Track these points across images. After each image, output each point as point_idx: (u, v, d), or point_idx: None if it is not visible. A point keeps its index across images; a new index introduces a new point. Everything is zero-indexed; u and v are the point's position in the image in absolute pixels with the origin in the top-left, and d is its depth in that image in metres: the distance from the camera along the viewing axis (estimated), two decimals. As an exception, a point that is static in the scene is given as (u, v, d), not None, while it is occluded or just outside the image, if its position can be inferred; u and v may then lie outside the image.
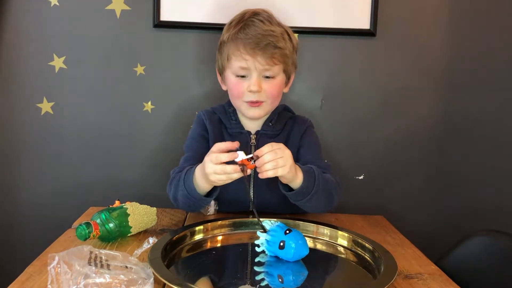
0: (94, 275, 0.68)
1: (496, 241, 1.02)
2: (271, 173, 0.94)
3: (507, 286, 0.98)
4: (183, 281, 0.77)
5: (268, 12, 1.18)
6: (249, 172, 0.94)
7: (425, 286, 0.82)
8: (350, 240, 1.01)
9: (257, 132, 1.21)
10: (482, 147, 1.52)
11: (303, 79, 1.47)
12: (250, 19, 1.14)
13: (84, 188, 1.47)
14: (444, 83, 1.50)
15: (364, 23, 1.45)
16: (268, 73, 1.13)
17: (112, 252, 0.76)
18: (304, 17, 1.43)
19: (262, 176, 0.94)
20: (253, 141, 1.20)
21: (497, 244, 1.01)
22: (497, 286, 0.99)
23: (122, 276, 0.70)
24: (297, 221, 1.08)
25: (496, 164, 1.52)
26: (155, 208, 1.07)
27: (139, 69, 1.45)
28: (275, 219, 1.03)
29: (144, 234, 1.03)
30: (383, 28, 1.46)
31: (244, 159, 0.92)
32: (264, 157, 0.93)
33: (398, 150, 1.51)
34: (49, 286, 0.70)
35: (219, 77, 1.25)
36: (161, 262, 0.83)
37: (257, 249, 0.93)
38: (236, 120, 1.22)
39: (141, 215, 1.03)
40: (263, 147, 0.94)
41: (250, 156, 0.93)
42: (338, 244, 1.02)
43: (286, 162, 0.95)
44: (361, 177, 1.52)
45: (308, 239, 1.03)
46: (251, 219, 1.08)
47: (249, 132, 1.21)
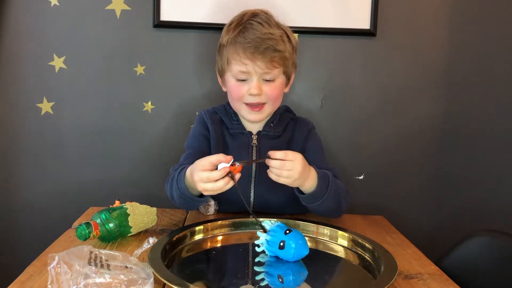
0: (94, 275, 0.68)
1: (496, 241, 1.02)
2: (273, 177, 0.97)
3: (507, 286, 0.98)
4: (183, 281, 0.77)
5: (267, 13, 1.17)
6: (239, 176, 0.92)
7: (425, 286, 0.82)
8: (350, 240, 1.01)
9: (259, 133, 1.21)
10: (482, 147, 1.52)
11: (303, 79, 1.47)
12: (249, 22, 1.13)
13: (84, 188, 1.48)
14: (444, 83, 1.50)
15: (364, 23, 1.45)
16: (268, 76, 1.13)
17: (112, 252, 0.76)
18: (304, 17, 1.43)
19: (268, 175, 0.97)
20: (255, 142, 1.20)
21: (497, 244, 1.01)
22: (497, 286, 0.99)
23: (122, 276, 0.70)
24: (297, 221, 1.08)
25: (496, 164, 1.52)
26: (155, 208, 1.07)
27: (139, 69, 1.45)
28: (275, 219, 1.03)
29: (144, 234, 1.03)
30: (383, 28, 1.46)
31: (229, 167, 0.91)
32: (272, 163, 0.95)
33: (398, 150, 1.51)
34: (49, 286, 0.70)
35: (219, 79, 1.24)
36: (161, 262, 0.83)
37: (257, 249, 0.93)
38: (238, 121, 1.22)
39: (141, 215, 1.03)
40: (277, 152, 0.95)
41: (232, 161, 0.92)
42: (338, 244, 1.02)
43: (290, 177, 0.96)
44: (361, 177, 1.52)
45: (308, 239, 1.03)
46: (251, 219, 1.08)
47: (251, 133, 1.21)
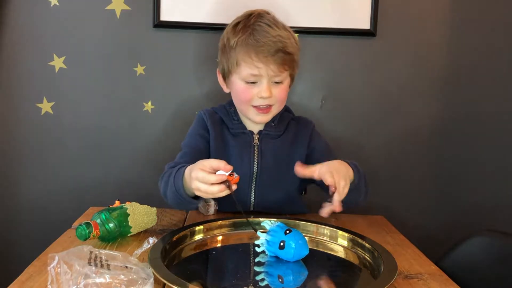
0: (94, 275, 0.68)
1: (496, 241, 1.02)
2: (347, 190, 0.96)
3: (507, 286, 0.98)
4: (183, 281, 0.77)
5: (270, 14, 1.17)
6: (235, 187, 0.91)
7: (425, 286, 0.82)
8: (350, 240, 1.01)
9: (260, 132, 1.21)
10: (482, 147, 1.52)
11: (303, 79, 1.47)
12: (257, 23, 1.12)
13: (84, 188, 1.48)
14: (444, 83, 1.50)
15: (364, 23, 1.45)
16: (278, 79, 1.13)
17: (112, 252, 0.76)
18: (304, 17, 1.43)
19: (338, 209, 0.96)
20: (256, 141, 1.20)
21: (497, 244, 1.01)
22: (497, 286, 0.99)
23: (122, 276, 0.70)
24: (297, 221, 1.08)
25: (496, 164, 1.52)
26: (155, 208, 1.07)
27: (139, 69, 1.45)
28: (275, 219, 1.03)
29: (144, 234, 1.03)
30: (383, 28, 1.46)
31: (227, 176, 0.89)
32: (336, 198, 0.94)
33: (398, 150, 1.51)
34: (49, 286, 0.70)
35: (221, 80, 1.22)
36: (161, 262, 0.82)
37: (257, 249, 0.93)
38: (238, 120, 1.22)
39: (141, 215, 1.03)
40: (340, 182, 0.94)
41: (232, 171, 0.90)
42: (338, 244, 1.02)
43: (345, 177, 0.96)
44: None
45: (308, 239, 1.03)
46: (251, 219, 1.08)
47: (252, 132, 1.21)
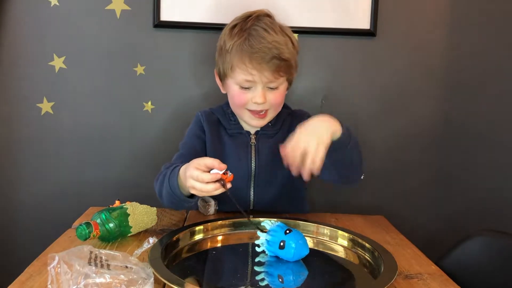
0: (94, 275, 0.68)
1: (496, 241, 1.02)
2: (317, 166, 0.90)
3: (507, 286, 0.98)
4: (183, 281, 0.77)
5: (270, 16, 1.16)
6: (230, 186, 0.91)
7: (425, 286, 0.82)
8: (350, 240, 1.01)
9: (257, 132, 1.21)
10: (482, 147, 1.52)
11: (303, 79, 1.47)
12: (254, 28, 1.10)
13: (84, 188, 1.48)
14: (444, 83, 1.50)
15: (364, 23, 1.45)
16: (273, 85, 1.12)
17: (112, 252, 0.76)
18: (304, 17, 1.43)
19: (317, 171, 0.91)
20: (253, 141, 1.20)
21: (497, 244, 1.01)
22: (497, 286, 0.99)
23: (122, 276, 0.70)
24: (297, 221, 1.08)
25: (496, 164, 1.52)
26: (155, 208, 1.07)
27: (139, 69, 1.45)
28: (275, 219, 1.03)
29: (144, 234, 1.03)
30: (383, 28, 1.46)
31: (221, 174, 0.89)
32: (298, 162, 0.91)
33: (398, 150, 1.51)
34: (49, 286, 0.70)
35: (218, 80, 1.22)
36: (161, 262, 0.82)
37: (257, 249, 0.93)
38: (235, 121, 1.22)
39: (141, 215, 1.03)
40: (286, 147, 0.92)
41: (226, 170, 0.90)
42: (338, 244, 1.02)
43: (320, 138, 0.91)
44: (361, 177, 1.51)
45: (308, 239, 1.03)
46: (251, 219, 1.08)
47: (249, 132, 1.21)
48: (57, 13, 1.41)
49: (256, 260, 0.91)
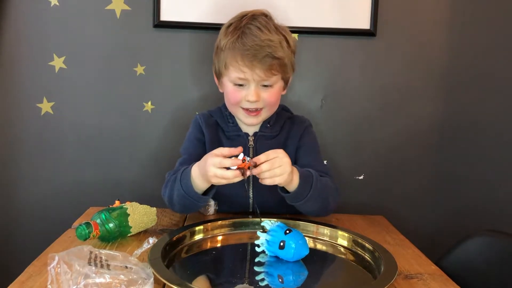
0: (94, 275, 0.68)
1: (496, 241, 1.02)
2: (269, 182, 0.96)
3: (507, 286, 0.98)
4: (183, 281, 0.77)
5: (267, 15, 1.16)
6: (249, 174, 0.94)
7: (425, 286, 0.82)
8: (350, 240, 1.01)
9: (255, 134, 1.21)
10: (482, 147, 1.51)
11: (303, 79, 1.47)
12: (247, 26, 1.11)
13: (84, 188, 1.47)
14: (444, 83, 1.50)
15: (364, 23, 1.45)
16: (266, 83, 1.12)
17: (112, 252, 0.76)
18: (304, 17, 1.43)
19: (262, 182, 0.96)
20: (251, 143, 1.20)
21: (497, 244, 1.01)
22: (497, 286, 0.99)
23: (122, 276, 0.70)
24: (297, 221, 1.08)
25: (496, 164, 1.52)
26: (155, 208, 1.07)
27: (139, 69, 1.45)
28: (275, 219, 1.03)
29: (144, 234, 1.03)
30: (383, 28, 1.46)
31: (242, 164, 0.93)
32: (262, 167, 0.94)
33: (398, 150, 1.51)
34: (49, 286, 0.70)
35: (216, 80, 1.23)
36: (161, 262, 0.83)
37: (257, 249, 0.93)
38: (234, 123, 1.21)
39: (141, 215, 1.03)
40: (260, 156, 0.96)
41: (249, 159, 0.94)
42: (338, 244, 1.02)
43: (284, 171, 0.96)
44: (361, 177, 1.52)
45: (308, 239, 1.03)
46: (251, 219, 1.08)
47: (247, 134, 1.21)
48: (57, 13, 1.41)
49: (256, 260, 0.91)
